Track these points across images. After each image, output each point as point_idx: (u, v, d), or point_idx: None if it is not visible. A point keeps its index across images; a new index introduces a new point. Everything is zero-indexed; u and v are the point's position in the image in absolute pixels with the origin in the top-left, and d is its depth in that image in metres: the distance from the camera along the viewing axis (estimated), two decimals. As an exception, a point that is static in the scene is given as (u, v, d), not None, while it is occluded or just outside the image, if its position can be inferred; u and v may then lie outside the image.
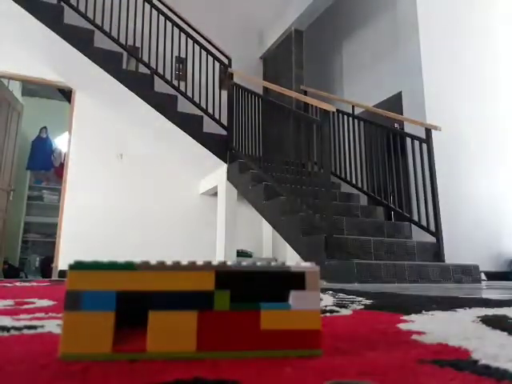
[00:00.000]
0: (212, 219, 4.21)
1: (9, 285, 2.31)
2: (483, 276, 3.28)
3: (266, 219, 3.30)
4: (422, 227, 3.14)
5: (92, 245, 4.04)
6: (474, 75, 3.93)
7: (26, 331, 0.64)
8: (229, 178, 3.88)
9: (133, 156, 4.46)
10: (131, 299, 0.46)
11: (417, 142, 3.21)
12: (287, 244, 3.01)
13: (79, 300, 0.45)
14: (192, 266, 0.48)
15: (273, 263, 0.51)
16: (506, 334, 0.61)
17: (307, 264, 0.50)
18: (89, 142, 4.32)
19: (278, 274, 0.49)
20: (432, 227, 3.06)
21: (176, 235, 4.38)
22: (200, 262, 0.49)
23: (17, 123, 5.00)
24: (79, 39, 3.76)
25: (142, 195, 4.39)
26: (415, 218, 3.21)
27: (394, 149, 3.41)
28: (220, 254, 3.90)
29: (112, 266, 0.47)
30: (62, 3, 3.81)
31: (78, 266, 0.47)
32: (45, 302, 1.16)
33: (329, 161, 2.80)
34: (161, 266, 0.48)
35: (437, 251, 2.98)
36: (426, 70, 3.61)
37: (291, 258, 3.06)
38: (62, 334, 0.45)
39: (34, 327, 0.68)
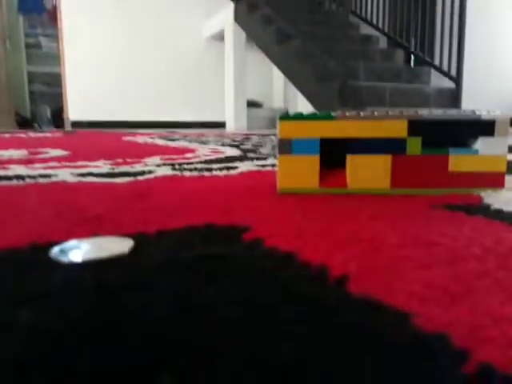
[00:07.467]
0: (219, 67, 3.99)
1: (23, 135, 2.35)
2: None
3: (277, 66, 3.11)
4: (442, 72, 2.95)
5: (98, 94, 4.00)
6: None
7: (40, 180, 0.66)
8: (236, 19, 3.53)
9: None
10: (332, 145, 0.54)
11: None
12: (299, 93, 2.90)
13: (289, 146, 0.54)
14: (386, 116, 0.53)
15: (454, 112, 0.55)
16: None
17: (497, 113, 0.54)
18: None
19: (468, 122, 0.53)
20: (453, 73, 2.88)
21: (182, 83, 4.23)
22: (392, 113, 0.54)
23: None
24: None
25: (141, 42, 4.11)
26: (436, 62, 3.00)
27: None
28: (229, 104, 3.83)
29: (314, 117, 0.54)
30: None
31: (285, 117, 0.54)
32: (58, 152, 1.18)
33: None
34: (357, 115, 0.53)
35: (455, 97, 2.87)
36: None
37: (303, 108, 2.98)
38: (278, 173, 0.54)
39: (49, 176, 0.69)
